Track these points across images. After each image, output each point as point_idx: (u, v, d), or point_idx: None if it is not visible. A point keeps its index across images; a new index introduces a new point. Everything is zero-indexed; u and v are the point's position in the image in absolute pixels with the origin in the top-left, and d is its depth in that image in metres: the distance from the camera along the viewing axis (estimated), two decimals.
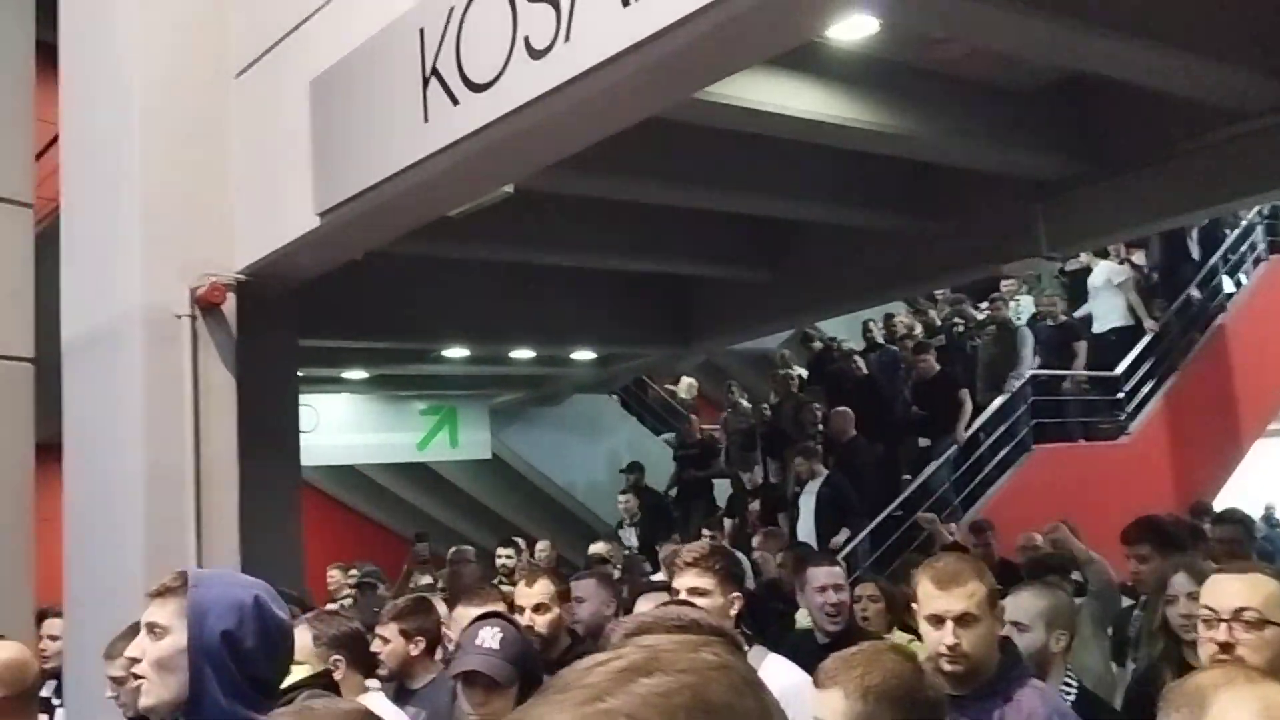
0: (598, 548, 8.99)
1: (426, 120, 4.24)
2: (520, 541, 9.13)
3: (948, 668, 2.40)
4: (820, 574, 4.08)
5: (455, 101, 4.12)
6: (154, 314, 5.04)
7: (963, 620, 2.40)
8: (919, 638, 2.85)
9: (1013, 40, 5.24)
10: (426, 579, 7.97)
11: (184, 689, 1.85)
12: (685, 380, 11.51)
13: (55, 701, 5.06)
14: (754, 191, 7.14)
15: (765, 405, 11.40)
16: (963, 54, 5.82)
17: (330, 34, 4.88)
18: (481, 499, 13.76)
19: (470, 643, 2.64)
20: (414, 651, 3.64)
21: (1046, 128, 6.77)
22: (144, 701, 1.89)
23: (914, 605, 2.60)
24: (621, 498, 10.36)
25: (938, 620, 2.44)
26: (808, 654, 3.86)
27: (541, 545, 9.20)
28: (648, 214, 7.68)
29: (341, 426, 11.36)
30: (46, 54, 7.20)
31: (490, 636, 2.62)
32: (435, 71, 4.19)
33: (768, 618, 5.09)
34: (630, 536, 10.15)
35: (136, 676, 1.92)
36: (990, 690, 2.44)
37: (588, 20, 3.62)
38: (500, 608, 3.38)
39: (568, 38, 3.69)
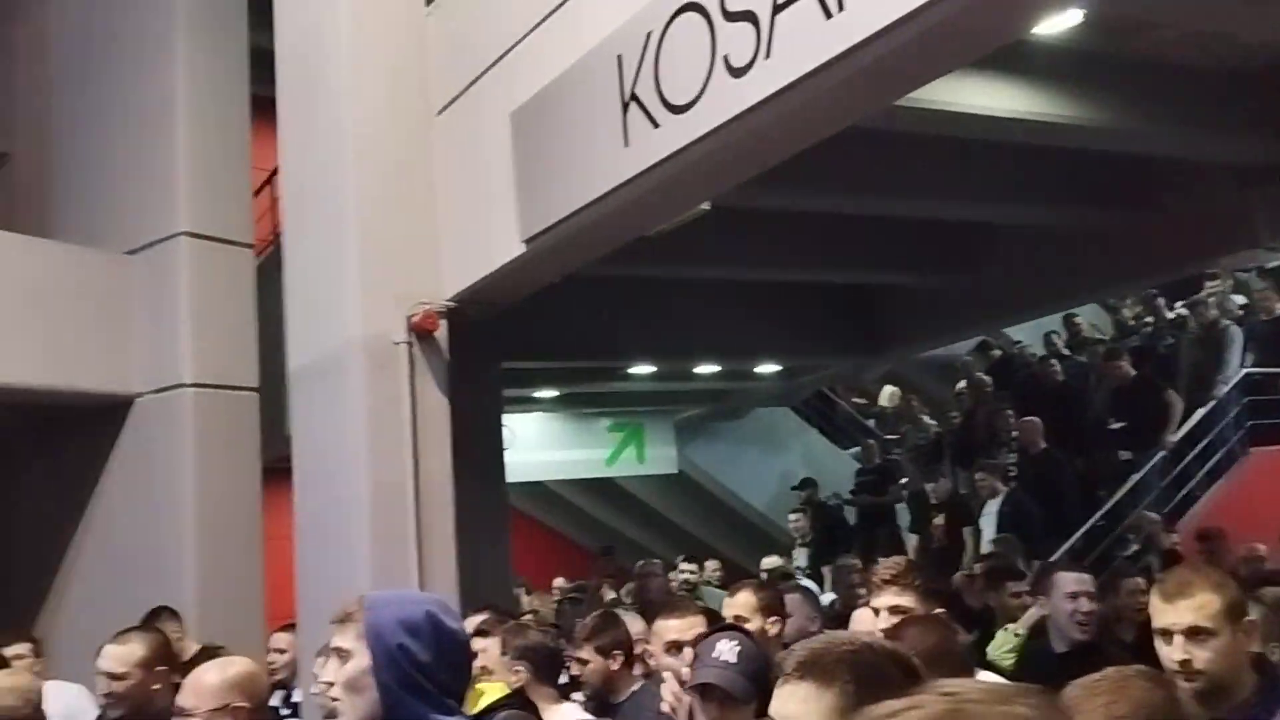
0: (771, 562, 8.95)
1: (627, 144, 4.34)
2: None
3: (1184, 685, 2.26)
4: (1070, 580, 3.93)
5: (656, 124, 4.21)
6: (374, 342, 5.33)
7: (1193, 634, 2.27)
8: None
9: (1228, 20, 4.95)
10: (612, 594, 8.11)
11: (376, 706, 1.94)
12: (887, 389, 11.29)
13: (284, 712, 5.30)
14: (946, 196, 6.98)
15: (953, 414, 11.08)
16: (1170, 39, 5.53)
17: (528, 67, 5.07)
18: (665, 513, 13.91)
19: (707, 655, 2.62)
20: (614, 666, 3.70)
21: (1264, 110, 6.35)
22: None
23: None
24: (792, 516, 10.20)
25: (1166, 635, 2.32)
26: (1044, 664, 3.75)
27: (712, 565, 9.21)
28: (834, 224, 7.63)
29: (533, 444, 11.69)
30: (255, 105, 7.80)
31: (728, 649, 2.60)
32: (634, 96, 4.30)
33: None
34: (800, 557, 10.02)
35: (333, 699, 2.02)
36: (1246, 714, 2.28)
37: (788, 35, 3.64)
38: (701, 620, 3.38)
39: (768, 54, 3.72)
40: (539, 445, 11.81)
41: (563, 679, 3.86)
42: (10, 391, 6.68)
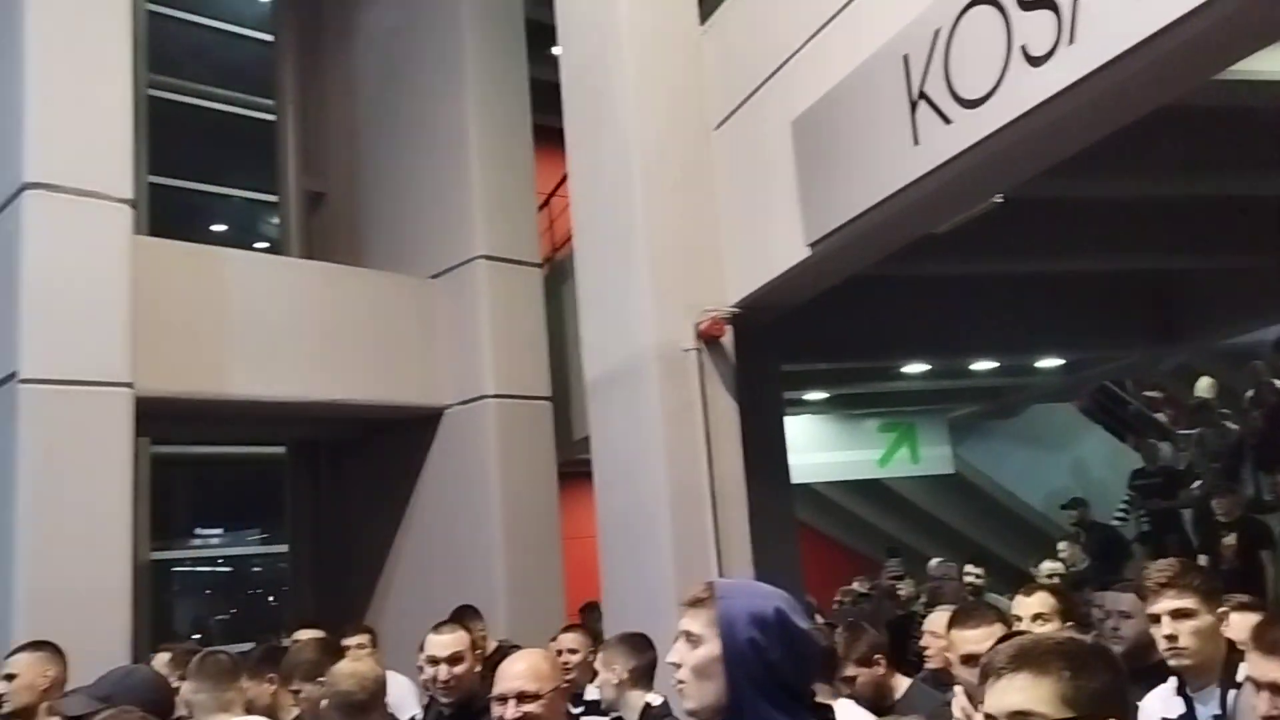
0: (1051, 567, 8.52)
1: (917, 143, 4.35)
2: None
3: None
4: None
5: (947, 120, 4.20)
6: (666, 350, 5.58)
7: None
8: None
9: None
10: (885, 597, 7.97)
11: (722, 695, 1.90)
12: (1204, 380, 10.48)
13: (574, 710, 5.42)
14: (1261, 170, 6.45)
15: (1253, 412, 10.14)
16: None
17: (806, 77, 5.17)
18: (935, 514, 13.59)
19: None
20: (880, 671, 3.76)
21: None
22: (686, 705, 1.98)
23: None
24: (1061, 546, 9.57)
25: None
26: None
27: (970, 569, 8.88)
28: (1127, 207, 7.23)
29: (803, 446, 11.72)
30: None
31: None
32: (924, 94, 4.30)
33: None
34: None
35: (679, 682, 2.00)
36: None
37: (1094, 18, 3.55)
38: (1000, 629, 3.31)
39: (1071, 39, 3.64)
40: (808, 447, 11.81)
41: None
42: (343, 407, 7.46)
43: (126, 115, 6.12)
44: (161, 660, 4.84)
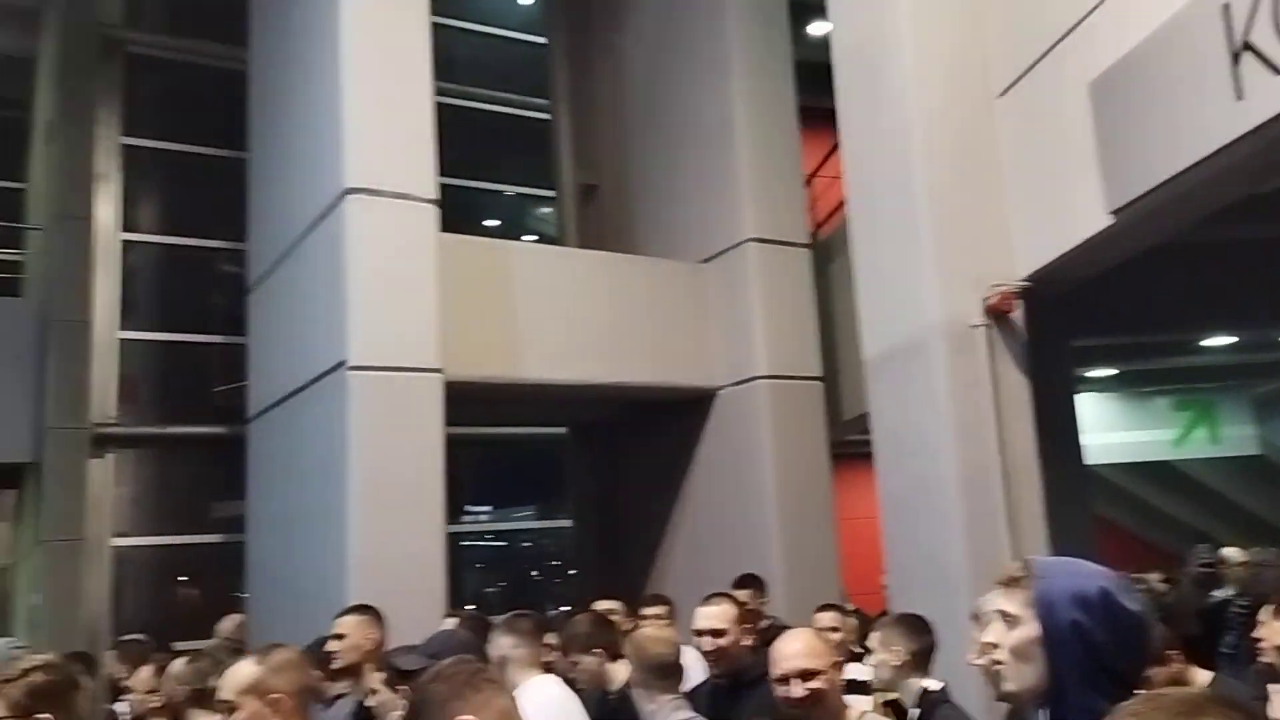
0: None
1: (1240, 98, 4.04)
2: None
3: None
4: None
5: (1277, 71, 3.87)
6: (952, 326, 5.45)
7: None
8: None
9: None
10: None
11: (1042, 678, 1.85)
12: None
13: None
14: None
15: None
16: None
17: (1105, 36, 4.90)
18: (1234, 498, 12.52)
19: None
20: (1176, 668, 3.67)
21: None
22: (1005, 687, 1.93)
23: None
24: None
25: None
26: None
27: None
28: None
29: (1088, 426, 11.09)
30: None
31: None
32: (1248, 44, 3.99)
33: None
34: None
35: (996, 662, 1.95)
36: None
37: None
38: None
39: None
40: (1093, 427, 11.16)
41: None
42: (623, 389, 7.78)
43: (429, 121, 6.63)
44: (449, 625, 5.22)
